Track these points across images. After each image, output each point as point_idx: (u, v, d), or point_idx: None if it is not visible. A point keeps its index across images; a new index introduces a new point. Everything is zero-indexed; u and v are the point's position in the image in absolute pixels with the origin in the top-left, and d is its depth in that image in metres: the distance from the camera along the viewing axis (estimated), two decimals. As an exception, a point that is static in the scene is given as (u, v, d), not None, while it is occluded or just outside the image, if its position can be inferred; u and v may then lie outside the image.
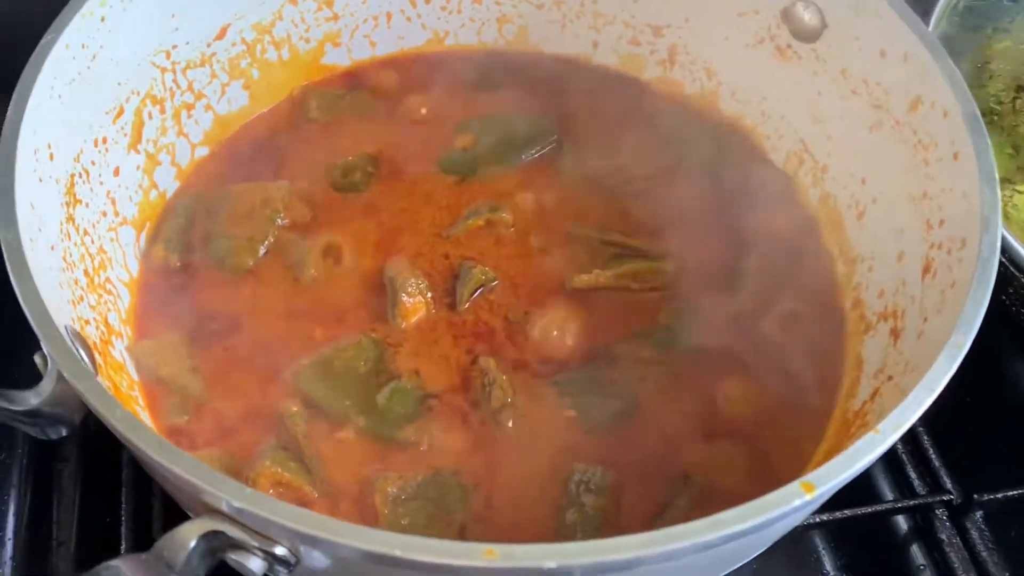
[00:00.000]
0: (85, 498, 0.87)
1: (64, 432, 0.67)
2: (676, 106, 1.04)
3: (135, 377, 0.80)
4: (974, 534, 0.92)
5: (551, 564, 0.53)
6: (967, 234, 0.72)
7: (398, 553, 0.53)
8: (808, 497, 0.57)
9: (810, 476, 0.57)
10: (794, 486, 0.57)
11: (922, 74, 0.81)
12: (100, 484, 0.86)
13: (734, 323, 0.87)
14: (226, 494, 0.55)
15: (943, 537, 0.91)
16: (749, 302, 0.89)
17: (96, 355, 0.73)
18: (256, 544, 0.58)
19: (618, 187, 0.97)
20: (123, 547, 0.80)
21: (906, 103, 0.83)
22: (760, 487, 0.76)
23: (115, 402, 0.58)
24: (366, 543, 0.53)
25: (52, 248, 0.73)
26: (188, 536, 0.57)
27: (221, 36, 0.94)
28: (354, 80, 1.05)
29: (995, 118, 1.01)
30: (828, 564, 0.94)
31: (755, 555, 0.74)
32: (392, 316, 0.86)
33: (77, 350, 0.66)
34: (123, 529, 0.82)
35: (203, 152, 0.96)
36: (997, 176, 0.73)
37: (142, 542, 0.80)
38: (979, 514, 0.93)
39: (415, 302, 0.86)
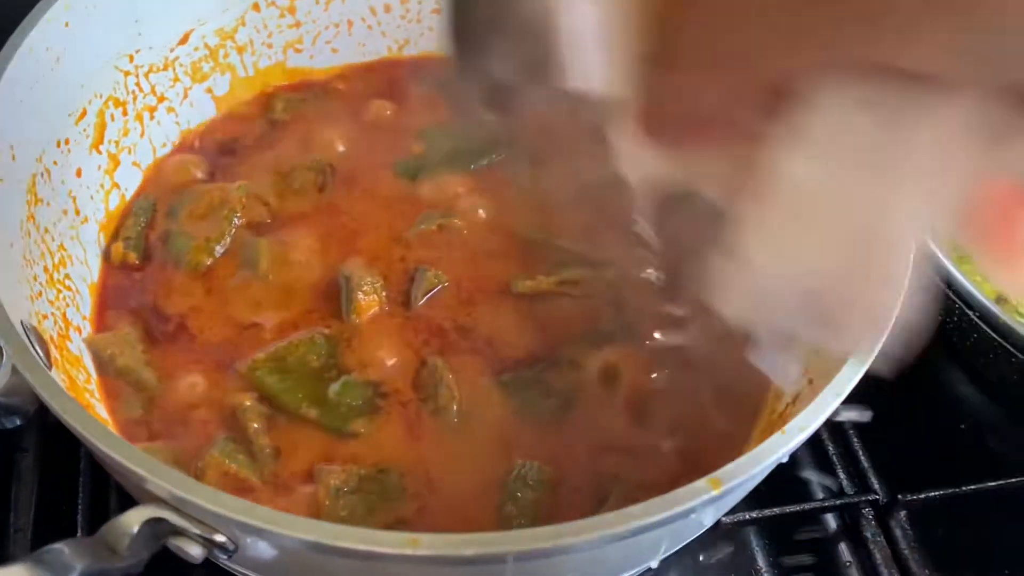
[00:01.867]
0: (43, 486, 0.89)
1: (19, 422, 0.70)
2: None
3: (91, 371, 0.83)
4: (897, 532, 0.96)
5: (469, 552, 0.57)
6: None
7: (325, 541, 0.56)
8: (715, 492, 0.60)
9: (717, 473, 0.61)
10: (702, 482, 0.61)
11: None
12: (58, 473, 0.88)
13: (670, 327, 0.91)
14: (168, 484, 0.58)
15: (868, 535, 0.95)
16: (684, 307, 0.92)
17: (52, 349, 0.76)
18: (197, 531, 0.61)
19: (568, 194, 1.00)
20: (79, 534, 0.83)
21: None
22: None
23: (66, 395, 0.62)
24: (295, 531, 0.56)
25: (11, 245, 0.76)
26: (131, 522, 0.61)
27: (184, 41, 0.97)
28: (316, 86, 1.08)
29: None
30: (761, 560, 0.98)
31: (676, 548, 0.78)
32: (347, 312, 0.89)
33: (32, 345, 0.69)
34: (79, 517, 0.85)
35: (164, 152, 0.99)
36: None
37: (98, 529, 0.83)
38: (903, 514, 0.97)
39: (369, 300, 0.89)
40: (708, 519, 0.71)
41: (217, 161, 1.01)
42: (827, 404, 0.65)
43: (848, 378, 0.66)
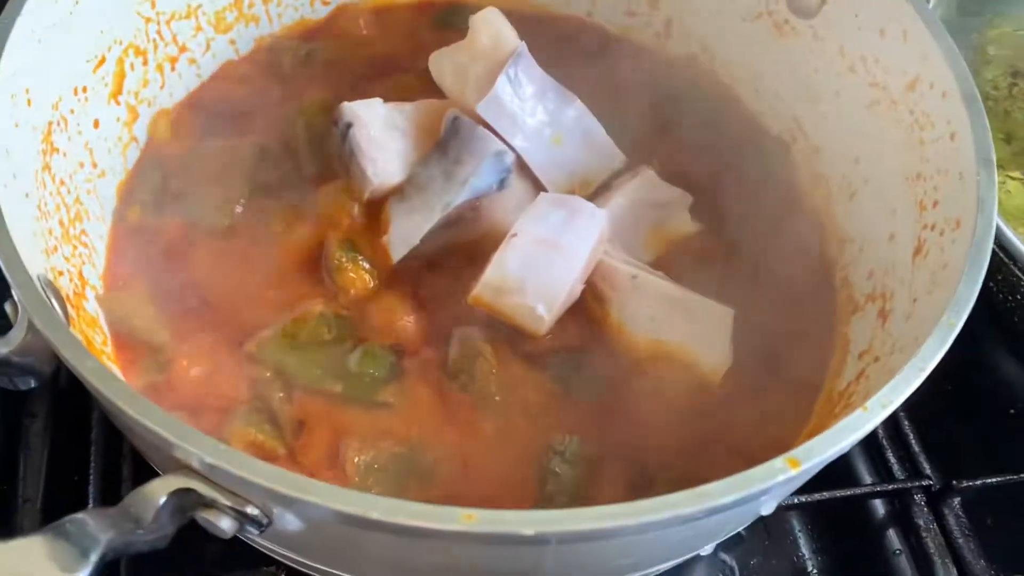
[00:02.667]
0: (53, 453, 0.85)
1: (33, 383, 0.65)
2: (673, 71, 1.03)
3: (107, 332, 0.78)
4: (951, 520, 0.92)
5: (529, 531, 0.52)
6: (962, 215, 0.71)
7: (375, 516, 0.51)
8: (793, 472, 0.56)
9: (796, 451, 0.56)
10: (779, 461, 0.56)
11: (921, 53, 0.80)
12: (69, 441, 0.84)
13: (723, 297, 0.86)
14: (199, 449, 0.53)
15: (920, 522, 0.91)
16: (737, 276, 0.88)
17: (69, 307, 0.71)
18: (228, 503, 0.56)
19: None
20: (90, 504, 0.78)
21: (904, 82, 0.82)
22: (743, 465, 0.76)
23: (86, 352, 0.57)
24: (343, 504, 0.52)
25: (27, 196, 0.71)
26: (158, 493, 0.56)
27: (207, -14, 0.92)
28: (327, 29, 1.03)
29: (990, 104, 1.00)
30: (804, 547, 0.94)
31: (736, 531, 0.73)
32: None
33: (49, 299, 0.64)
34: (91, 488, 0.81)
35: (183, 105, 0.94)
36: (994, 157, 0.72)
37: (110, 501, 0.78)
38: (957, 501, 0.93)
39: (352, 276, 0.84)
40: (774, 503, 0.67)
41: (232, 113, 0.95)
42: (911, 379, 0.61)
43: (934, 350, 0.62)
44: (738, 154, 0.96)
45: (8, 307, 0.64)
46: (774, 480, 0.55)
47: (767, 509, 0.67)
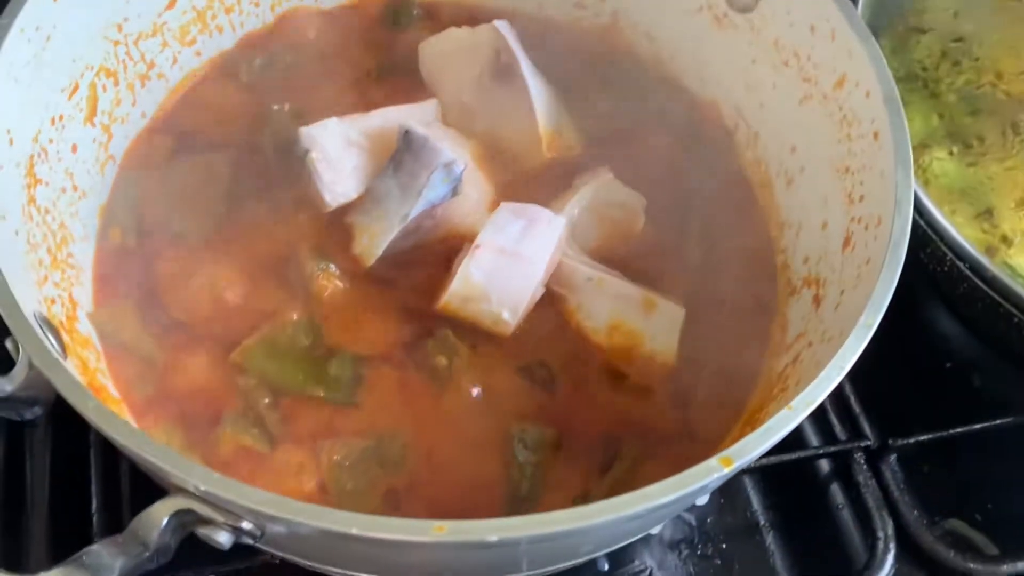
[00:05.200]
0: (55, 476, 0.90)
1: (39, 412, 0.71)
2: (620, 60, 1.08)
3: (100, 348, 0.84)
4: (888, 476, 0.99)
5: (493, 538, 0.59)
6: (882, 213, 0.77)
7: (355, 531, 0.58)
8: (726, 470, 0.63)
9: (728, 451, 0.63)
10: (714, 461, 0.63)
11: (848, 53, 0.85)
12: (69, 460, 0.89)
13: (673, 280, 0.93)
14: (194, 479, 0.59)
15: (860, 479, 0.99)
16: (688, 260, 0.94)
17: (64, 334, 0.76)
18: (223, 520, 0.63)
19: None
20: (94, 522, 0.84)
21: (833, 79, 0.88)
22: (692, 442, 0.84)
23: (87, 392, 0.63)
24: (324, 523, 0.58)
25: (16, 233, 0.76)
26: (160, 515, 0.62)
27: (172, 6, 0.95)
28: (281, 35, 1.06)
29: (921, 83, 1.06)
30: (756, 503, 1.02)
31: (677, 514, 0.81)
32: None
33: (46, 335, 0.69)
34: (94, 511, 0.86)
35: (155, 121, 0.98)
36: (912, 159, 0.78)
37: (113, 522, 0.85)
38: (893, 457, 1.01)
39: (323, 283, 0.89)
40: (707, 495, 0.74)
41: (201, 122, 0.99)
42: (831, 379, 0.67)
43: (852, 350, 0.68)
44: (686, 140, 1.02)
45: (9, 344, 0.69)
46: (709, 479, 0.62)
47: (702, 500, 0.74)
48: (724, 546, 0.99)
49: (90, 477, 0.85)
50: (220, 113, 0.99)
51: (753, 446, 0.64)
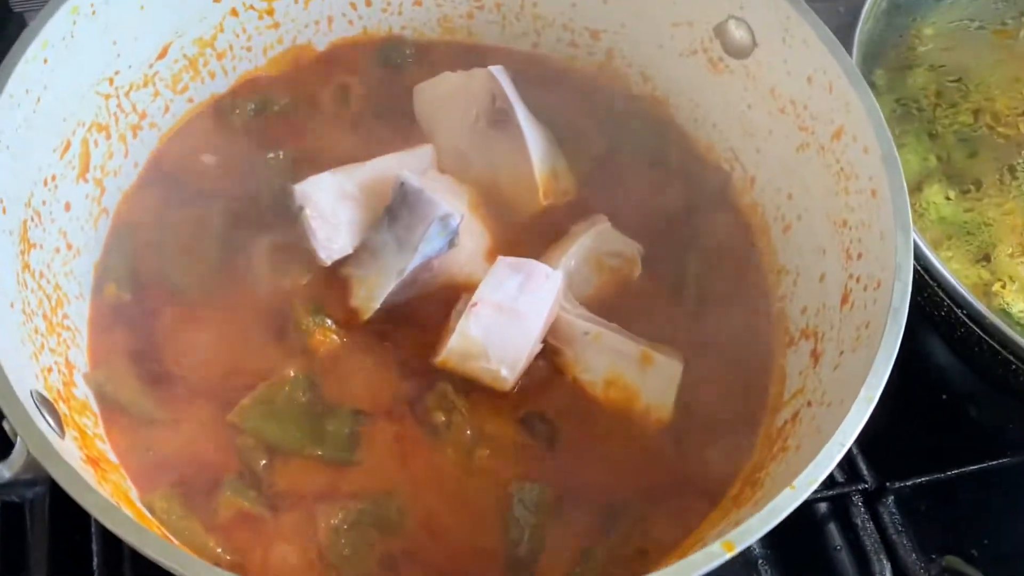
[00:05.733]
0: (55, 549, 0.90)
1: (41, 491, 0.71)
2: (615, 102, 1.07)
3: (97, 412, 0.83)
4: (885, 518, 1.00)
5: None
6: (882, 276, 0.77)
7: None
8: (729, 555, 0.63)
9: (730, 535, 0.64)
10: (716, 546, 0.63)
11: (845, 106, 0.85)
12: (71, 533, 0.88)
13: (672, 320, 0.93)
14: (199, 576, 0.60)
15: (858, 522, 0.99)
16: (684, 310, 0.94)
17: (60, 404, 0.76)
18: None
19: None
20: None
21: (830, 130, 0.87)
22: (694, 497, 0.83)
23: (86, 485, 0.62)
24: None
25: (12, 306, 0.75)
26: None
27: (163, 55, 0.94)
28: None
29: (918, 123, 1.05)
30: (756, 544, 1.02)
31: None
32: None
33: (44, 417, 0.69)
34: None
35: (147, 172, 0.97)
36: (911, 222, 0.78)
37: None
38: (891, 499, 1.01)
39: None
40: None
41: (192, 171, 0.98)
42: (832, 456, 0.68)
43: (854, 424, 0.69)
44: (682, 183, 1.01)
45: (6, 425, 0.69)
46: (711, 565, 0.63)
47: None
48: (723, 585, 0.99)
49: (91, 551, 0.85)
50: (215, 160, 0.98)
51: (756, 528, 0.65)
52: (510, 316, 0.84)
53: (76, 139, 0.87)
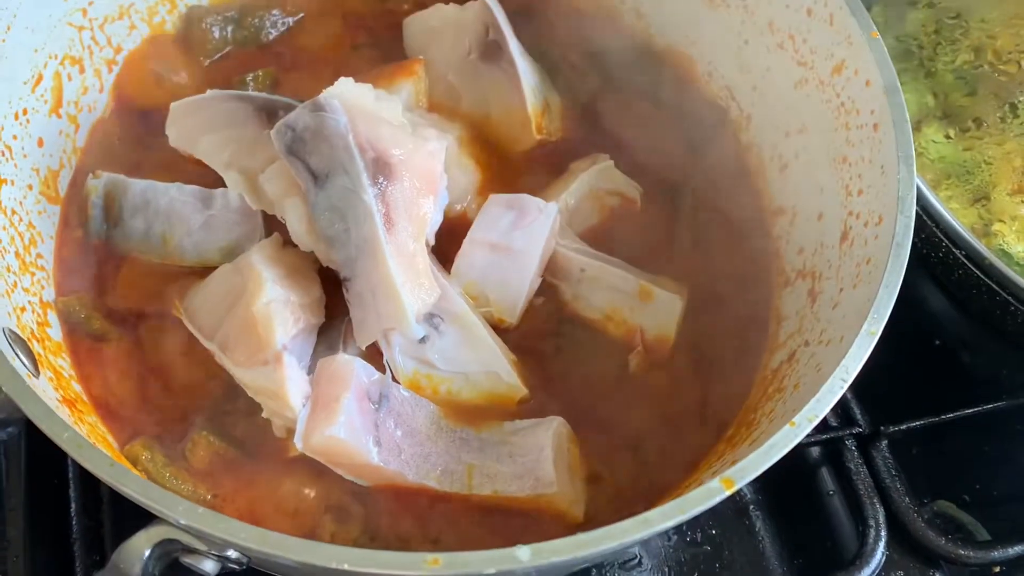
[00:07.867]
0: (31, 495, 0.87)
1: (12, 430, 0.69)
2: (612, 34, 1.04)
3: (67, 345, 0.80)
4: (879, 462, 0.98)
5: (491, 570, 0.57)
6: (884, 211, 0.75)
7: (347, 567, 0.56)
8: (728, 492, 0.61)
9: (729, 472, 0.62)
10: (715, 483, 0.61)
11: (846, 39, 0.82)
12: (48, 478, 0.86)
13: (671, 256, 0.91)
14: (178, 514, 0.57)
15: (851, 466, 0.98)
16: (681, 245, 0.92)
17: (35, 344, 0.73)
18: (209, 549, 0.61)
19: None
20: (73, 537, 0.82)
21: (831, 65, 0.85)
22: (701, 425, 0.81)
23: (61, 422, 0.60)
24: (313, 558, 0.56)
25: (-18, 242, 0.72)
26: (142, 547, 0.60)
27: (138, -15, 0.91)
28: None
29: (916, 61, 1.02)
30: (746, 488, 1.00)
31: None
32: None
33: (16, 355, 0.66)
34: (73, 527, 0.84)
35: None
36: (914, 154, 0.75)
37: (95, 544, 0.83)
38: (884, 444, 0.99)
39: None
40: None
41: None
42: (834, 391, 0.66)
43: (856, 359, 0.67)
44: (676, 120, 0.99)
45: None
46: (711, 501, 0.61)
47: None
48: (713, 532, 0.98)
49: (69, 499, 0.82)
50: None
51: (755, 466, 0.63)
52: (505, 254, 0.82)
53: (48, 72, 0.84)
